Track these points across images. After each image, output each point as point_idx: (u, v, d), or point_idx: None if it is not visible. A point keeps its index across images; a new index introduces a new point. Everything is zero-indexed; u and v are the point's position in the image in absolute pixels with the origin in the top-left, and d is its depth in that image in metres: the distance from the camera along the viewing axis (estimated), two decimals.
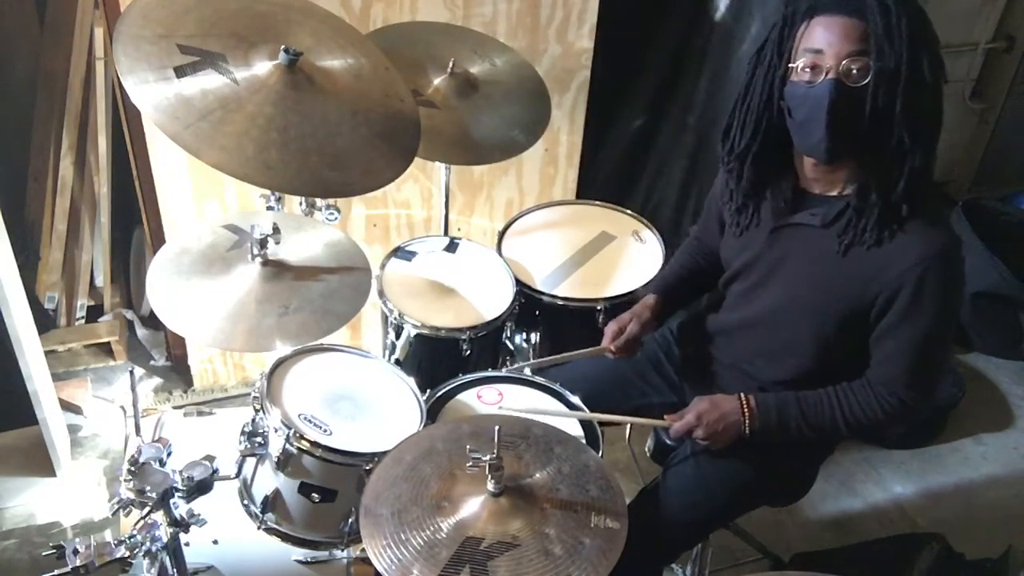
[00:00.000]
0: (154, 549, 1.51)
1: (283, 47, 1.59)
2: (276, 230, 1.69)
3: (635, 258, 2.15)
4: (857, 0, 1.37)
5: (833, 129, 1.41)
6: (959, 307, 1.54)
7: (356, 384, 1.76)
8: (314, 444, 1.59)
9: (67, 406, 2.47)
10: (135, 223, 2.67)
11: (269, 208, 1.87)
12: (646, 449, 1.89)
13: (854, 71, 1.38)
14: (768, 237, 1.58)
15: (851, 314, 1.52)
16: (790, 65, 1.44)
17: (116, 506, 1.48)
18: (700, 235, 1.87)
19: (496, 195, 2.61)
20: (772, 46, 1.48)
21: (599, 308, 1.99)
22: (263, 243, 1.66)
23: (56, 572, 1.42)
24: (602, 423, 1.72)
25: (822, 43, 1.40)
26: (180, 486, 1.49)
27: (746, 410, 1.57)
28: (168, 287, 1.64)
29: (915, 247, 1.43)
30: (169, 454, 1.53)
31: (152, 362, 2.71)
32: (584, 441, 1.65)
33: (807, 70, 1.41)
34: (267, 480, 1.66)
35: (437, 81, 2.03)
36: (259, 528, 1.68)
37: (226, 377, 2.65)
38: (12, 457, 2.31)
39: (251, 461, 1.69)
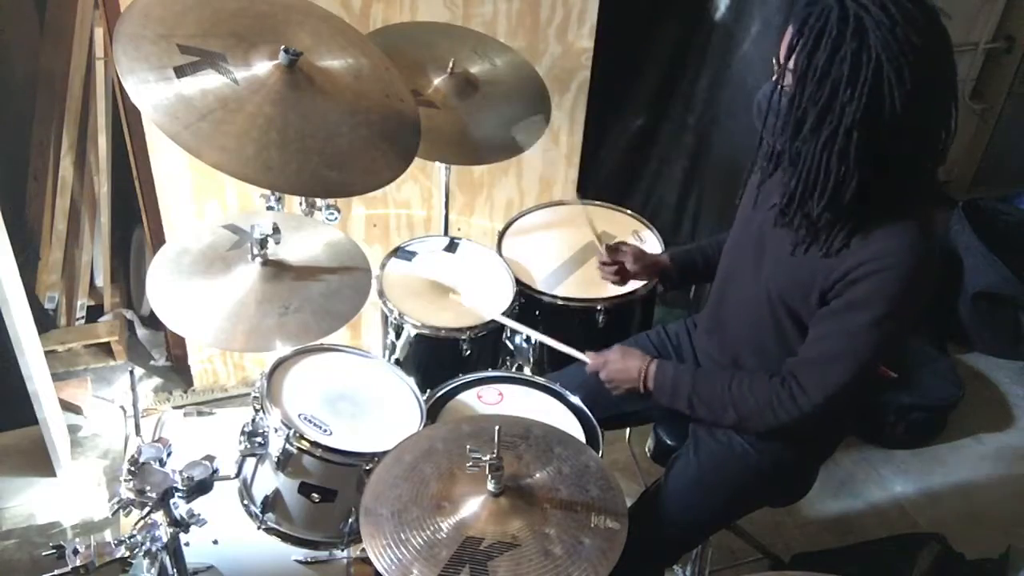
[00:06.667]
0: (154, 549, 1.51)
1: (283, 47, 1.59)
2: (276, 230, 1.69)
3: None
4: (799, 17, 1.35)
5: (765, 126, 1.44)
6: (900, 331, 1.43)
7: (356, 384, 1.76)
8: (314, 444, 1.59)
9: (67, 406, 2.47)
10: (135, 223, 2.67)
11: (269, 208, 1.87)
12: (646, 449, 1.89)
13: (787, 78, 1.39)
14: (759, 225, 1.57)
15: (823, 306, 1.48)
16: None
17: (116, 506, 1.48)
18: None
19: (496, 195, 2.61)
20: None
21: (599, 308, 1.99)
22: (263, 243, 1.66)
23: (56, 572, 1.42)
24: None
25: (780, 47, 1.41)
26: (180, 486, 1.49)
27: (644, 372, 1.63)
28: (168, 287, 1.64)
29: (869, 249, 1.38)
30: (169, 454, 1.53)
31: (152, 362, 2.71)
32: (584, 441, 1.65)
33: (776, 66, 1.42)
34: (267, 480, 1.66)
35: (437, 81, 2.03)
36: (259, 528, 1.68)
37: (226, 377, 2.65)
38: (12, 457, 2.31)
39: (251, 461, 1.69)
